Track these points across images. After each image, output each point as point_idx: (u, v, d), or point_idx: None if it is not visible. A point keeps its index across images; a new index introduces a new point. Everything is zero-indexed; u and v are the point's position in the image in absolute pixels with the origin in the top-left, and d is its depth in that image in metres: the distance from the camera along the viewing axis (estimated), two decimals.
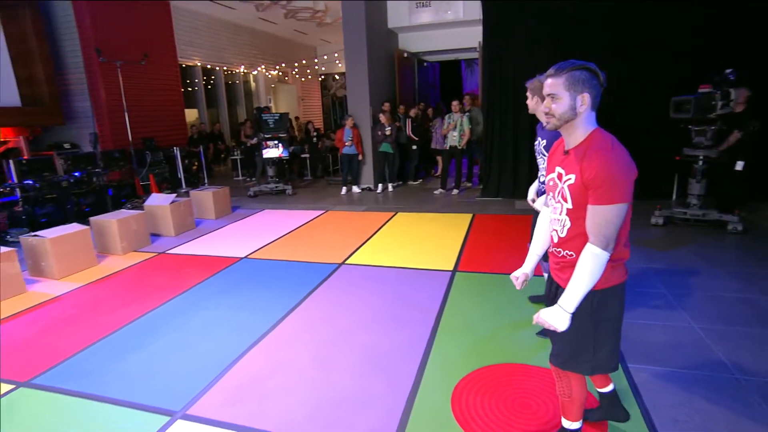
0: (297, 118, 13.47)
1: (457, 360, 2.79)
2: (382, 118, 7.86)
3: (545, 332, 2.96)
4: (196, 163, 10.45)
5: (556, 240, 1.75)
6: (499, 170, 7.28)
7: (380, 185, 8.32)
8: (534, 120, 2.86)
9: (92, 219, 5.40)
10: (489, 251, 4.76)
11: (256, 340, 3.15)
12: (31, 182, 6.47)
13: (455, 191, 7.80)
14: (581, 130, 1.61)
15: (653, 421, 2.15)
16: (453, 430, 2.19)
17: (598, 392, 2.13)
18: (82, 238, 4.87)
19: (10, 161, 7.38)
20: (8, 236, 5.98)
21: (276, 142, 8.19)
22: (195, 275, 4.48)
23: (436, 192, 7.89)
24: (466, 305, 3.55)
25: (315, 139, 10.46)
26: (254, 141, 9.41)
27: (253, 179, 9.84)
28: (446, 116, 7.62)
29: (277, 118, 8.27)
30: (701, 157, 5.05)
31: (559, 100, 1.58)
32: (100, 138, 8.81)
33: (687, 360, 2.66)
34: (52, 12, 8.38)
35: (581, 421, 1.93)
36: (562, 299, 1.61)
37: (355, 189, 8.38)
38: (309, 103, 16.02)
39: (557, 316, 1.61)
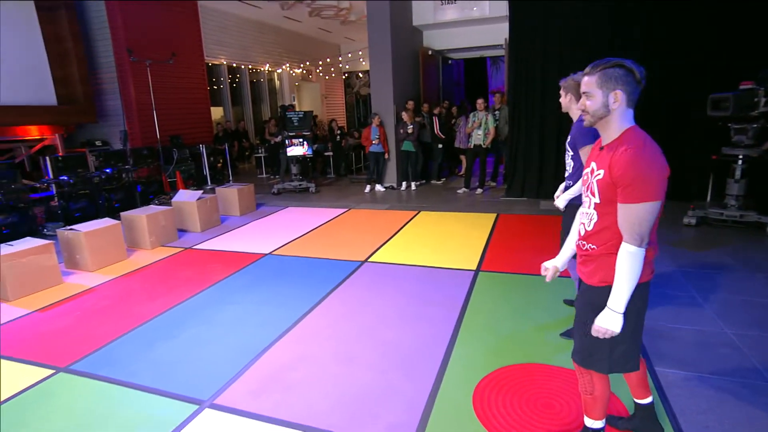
0: (315, 116, 13.64)
1: (480, 358, 2.82)
2: (405, 116, 7.90)
3: (570, 333, 2.98)
4: (221, 161, 10.71)
5: (582, 233, 1.79)
6: (524, 170, 7.23)
7: (404, 183, 8.36)
8: (563, 118, 2.87)
9: (123, 214, 5.62)
10: (513, 251, 4.75)
11: (280, 334, 3.25)
12: (65, 178, 6.76)
13: (479, 190, 7.78)
14: (615, 126, 1.65)
15: (681, 426, 2.14)
16: (475, 427, 2.22)
17: (635, 402, 2.08)
18: (114, 232, 5.08)
19: (47, 158, 7.75)
20: (45, 230, 6.28)
21: (301, 140, 8.33)
22: (221, 270, 4.62)
23: (459, 191, 7.89)
24: (489, 305, 3.57)
25: (338, 137, 10.57)
26: (278, 139, 9.57)
27: (277, 177, 10.02)
28: (471, 114, 7.61)
29: (301, 116, 8.40)
30: (741, 156, 4.92)
31: (593, 98, 1.64)
32: (129, 135, 9.12)
33: (718, 365, 2.62)
34: (87, 13, 8.73)
35: (604, 420, 1.93)
36: (611, 301, 1.64)
37: (379, 188, 8.45)
38: (332, 101, 16.18)
39: (609, 319, 1.64)
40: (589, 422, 1.93)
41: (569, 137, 2.81)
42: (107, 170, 7.44)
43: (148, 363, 2.97)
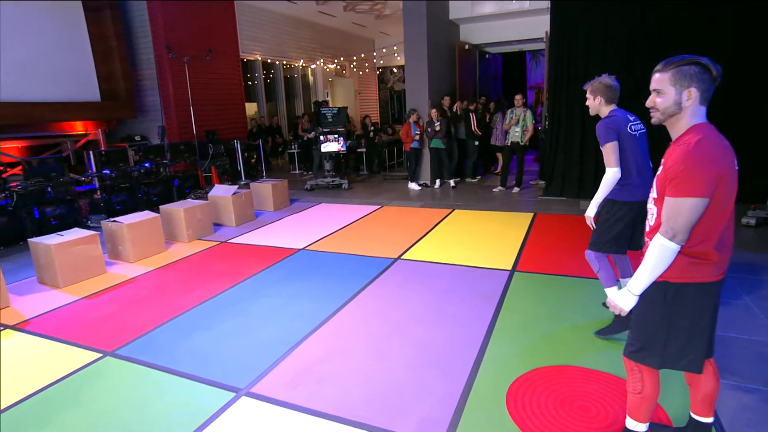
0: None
1: (514, 359, 2.84)
2: (432, 113, 7.90)
3: (604, 332, 2.98)
4: (255, 156, 11.01)
5: (647, 229, 1.84)
6: (564, 169, 7.12)
7: (437, 181, 8.38)
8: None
9: (162, 207, 5.90)
10: (550, 252, 4.72)
11: (314, 327, 3.36)
12: (108, 172, 7.14)
13: (516, 189, 7.71)
14: (684, 122, 1.67)
15: None
16: (508, 427, 2.26)
17: (691, 417, 2.01)
18: (154, 225, 5.35)
19: (90, 152, 8.20)
20: (89, 221, 6.66)
21: (336, 136, 8.47)
22: (255, 264, 4.80)
23: (495, 190, 7.84)
24: (525, 305, 3.57)
25: (372, 133, 10.67)
26: (311, 135, 9.77)
27: (310, 173, 10.23)
28: (508, 111, 7.55)
29: (335, 111, 8.55)
30: None
31: (664, 95, 1.66)
32: (166, 130, 9.53)
33: None
34: (129, 12, 9.17)
35: (648, 425, 1.92)
36: (630, 282, 1.71)
37: (416, 185, 8.49)
38: (366, 96, 16.32)
39: (623, 298, 1.73)
40: (632, 424, 1.92)
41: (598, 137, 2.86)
42: (146, 164, 7.80)
43: (187, 351, 3.14)
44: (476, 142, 8.59)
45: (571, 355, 2.84)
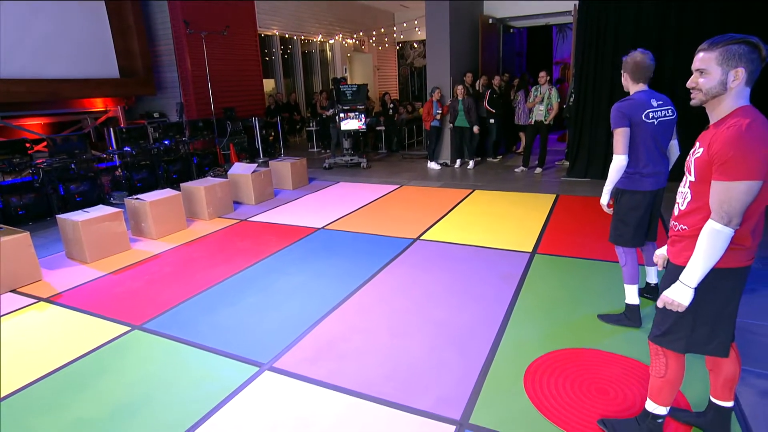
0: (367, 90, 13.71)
1: (533, 340, 2.90)
2: (458, 91, 7.81)
3: (607, 318, 3.05)
4: (273, 134, 11.09)
5: (676, 213, 1.83)
6: (589, 149, 7.03)
7: (458, 161, 8.35)
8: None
9: (183, 185, 6.05)
10: (572, 234, 4.72)
11: (335, 305, 3.47)
12: (128, 149, 7.31)
13: (538, 170, 7.65)
14: (727, 104, 1.63)
15: (750, 427, 2.12)
16: (525, 407, 2.33)
17: (711, 401, 2.04)
18: (175, 202, 5.50)
19: (111, 129, 8.38)
20: (112, 198, 6.87)
21: (356, 113, 8.48)
22: (275, 242, 4.92)
23: (517, 170, 7.79)
24: (545, 288, 3.61)
25: (391, 111, 10.64)
26: (330, 112, 9.78)
27: (328, 151, 10.28)
28: (533, 89, 7.44)
29: (355, 89, 8.54)
30: None
31: (708, 75, 1.61)
32: (185, 107, 9.65)
33: None
34: None
35: (668, 410, 1.95)
36: (684, 274, 1.68)
37: (435, 164, 8.49)
38: (385, 72, 16.16)
39: (679, 292, 1.68)
40: (652, 407, 1.96)
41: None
42: (165, 142, 7.95)
43: (211, 326, 3.29)
44: (491, 120, 8.48)
45: (590, 339, 2.89)
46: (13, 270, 3.98)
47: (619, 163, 2.74)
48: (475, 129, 7.86)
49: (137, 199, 5.25)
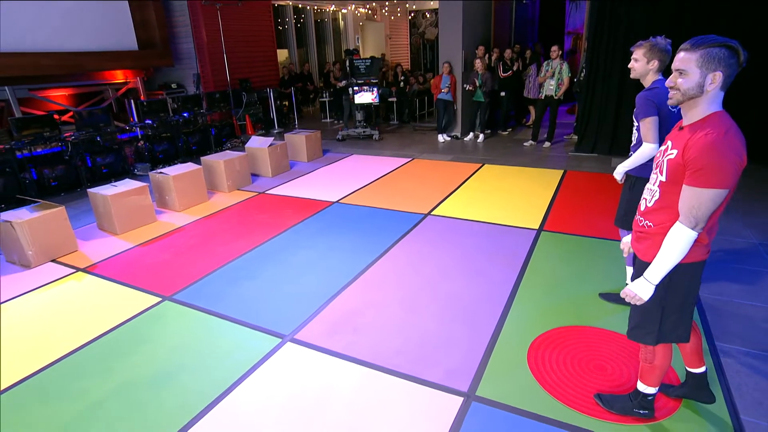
0: (384, 60, 13.43)
1: (537, 317, 3.00)
2: (478, 65, 7.65)
3: (609, 296, 3.12)
4: (287, 103, 11.03)
5: (642, 208, 1.87)
6: (598, 123, 6.93)
7: (470, 134, 8.28)
8: None
9: (203, 159, 6.12)
10: (578, 212, 4.74)
11: (350, 280, 3.58)
12: (150, 122, 7.36)
13: (547, 144, 7.58)
14: (702, 108, 1.63)
15: (735, 402, 2.23)
16: (528, 381, 2.45)
17: (687, 371, 2.20)
18: (197, 176, 5.59)
19: (131, 101, 8.41)
20: (135, 170, 6.97)
21: (370, 87, 8.39)
22: (292, 216, 5.01)
23: (526, 144, 7.73)
24: (550, 265, 3.68)
25: (402, 82, 10.48)
26: (343, 84, 9.68)
27: (341, 121, 10.23)
28: (544, 63, 7.26)
29: (368, 63, 8.41)
30: None
31: (687, 76, 1.59)
32: (201, 79, 9.62)
33: None
34: None
35: (657, 388, 2.08)
36: (648, 271, 1.75)
37: (444, 137, 8.44)
38: (396, 41, 15.79)
39: (642, 287, 1.77)
40: (643, 387, 2.08)
41: (636, 108, 2.71)
42: (185, 114, 7.98)
43: (235, 298, 3.43)
44: (502, 93, 8.33)
45: (591, 316, 2.98)
46: (52, 241, 4.14)
47: (650, 151, 2.63)
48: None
49: (161, 173, 5.34)
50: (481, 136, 8.17)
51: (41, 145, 6.01)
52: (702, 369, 2.17)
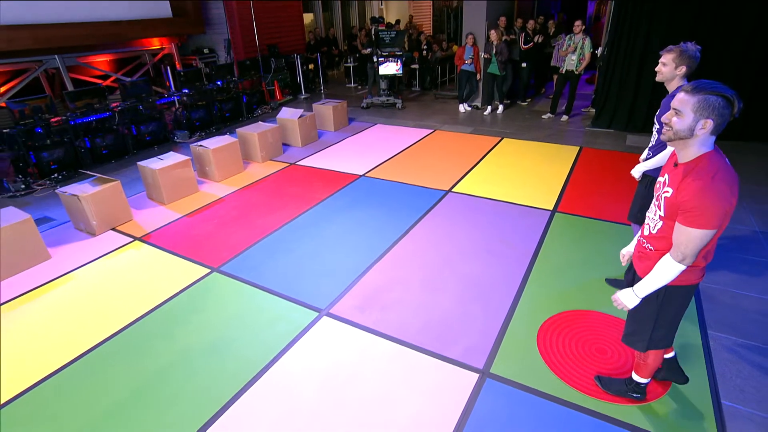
0: (412, 29, 12.96)
1: (547, 300, 3.16)
2: (493, 36, 7.39)
3: (613, 282, 3.26)
4: (312, 66, 10.87)
5: (646, 233, 1.96)
6: (617, 98, 6.75)
7: (489, 107, 8.15)
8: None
9: (238, 131, 6.23)
10: (591, 194, 4.77)
11: (377, 257, 3.77)
12: (186, 90, 7.42)
13: (565, 117, 7.44)
14: (693, 150, 1.67)
15: (717, 387, 2.41)
16: (536, 361, 2.65)
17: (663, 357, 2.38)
18: (234, 148, 5.73)
19: (167, 67, 8.44)
20: (175, 137, 7.14)
21: (394, 58, 8.25)
22: (322, 189, 5.16)
23: (544, 116, 7.60)
24: (561, 250, 3.78)
25: (425, 51, 10.20)
26: (368, 51, 9.49)
27: (365, 87, 10.12)
28: (566, 37, 6.99)
29: (393, 35, 8.21)
30: None
31: (681, 117, 1.63)
32: (232, 45, 9.54)
33: None
34: None
35: (649, 379, 2.27)
36: (638, 285, 1.88)
37: (465, 107, 8.33)
38: (419, 4, 15.13)
39: (628, 297, 1.92)
40: (636, 378, 2.29)
41: (660, 110, 2.69)
42: (218, 82, 8.00)
43: (275, 272, 3.65)
44: (523, 64, 8.08)
45: (597, 301, 3.12)
46: (111, 212, 4.40)
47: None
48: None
49: (201, 146, 5.49)
50: (501, 107, 8.03)
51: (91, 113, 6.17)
52: (671, 354, 2.35)
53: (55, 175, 5.55)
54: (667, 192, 1.76)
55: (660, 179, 1.89)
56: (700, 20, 5.81)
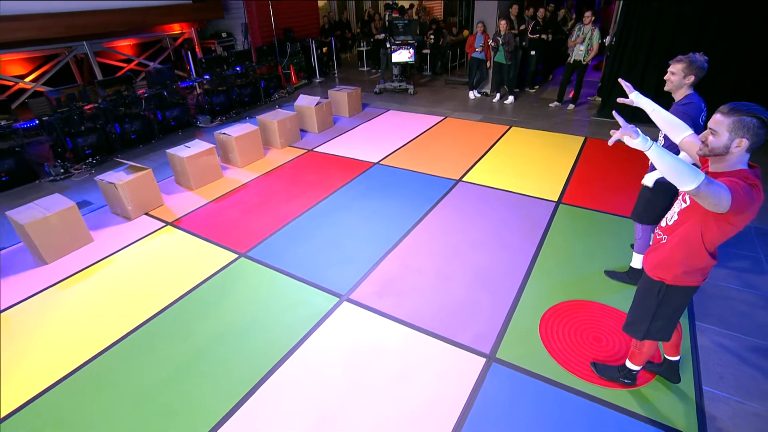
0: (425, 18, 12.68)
1: (549, 291, 3.30)
2: (502, 25, 7.27)
3: (612, 274, 3.36)
4: (325, 49, 10.77)
5: (663, 225, 2.06)
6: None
7: (498, 94, 8.10)
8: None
9: (259, 118, 6.30)
10: (594, 185, 4.84)
11: (392, 245, 3.91)
12: (207, 77, 7.46)
13: (571, 106, 7.40)
14: (727, 164, 1.72)
15: (701, 373, 2.57)
16: (538, 347, 2.82)
17: (664, 356, 2.54)
18: (255, 135, 5.83)
19: (188, 51, 8.45)
20: (198, 122, 7.23)
21: (407, 46, 8.19)
22: (339, 176, 5.27)
23: (551, 105, 7.56)
24: (564, 242, 3.89)
25: (434, 36, 10.05)
26: (382, 36, 9.40)
27: (378, 71, 10.04)
28: (576, 28, 6.88)
29: (406, 22, 8.12)
30: None
31: (717, 137, 1.67)
32: (249, 30, 9.48)
33: (754, 329, 2.88)
34: None
35: (641, 367, 2.43)
36: (654, 147, 1.61)
37: (475, 93, 8.29)
38: None
39: (639, 142, 1.64)
40: (629, 365, 2.45)
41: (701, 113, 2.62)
42: (237, 68, 8.02)
43: (297, 257, 3.81)
44: (532, 52, 7.97)
45: (596, 293, 3.26)
46: (144, 198, 4.57)
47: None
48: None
49: (224, 134, 5.60)
50: (511, 98, 7.96)
51: (123, 105, 6.28)
52: (677, 358, 2.48)
53: (90, 159, 5.71)
54: None
55: None
56: (707, 16, 5.70)
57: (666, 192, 2.93)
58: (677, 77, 2.59)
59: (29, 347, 3.00)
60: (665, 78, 2.69)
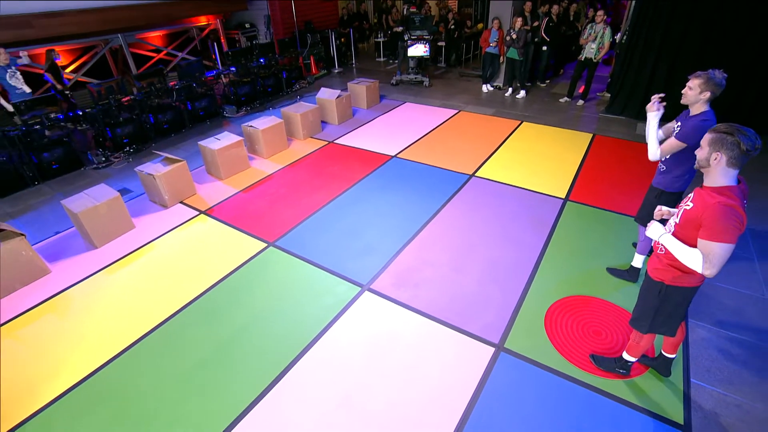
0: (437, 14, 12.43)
1: (555, 286, 3.41)
2: (518, 22, 7.15)
3: (614, 271, 3.45)
4: (343, 39, 10.69)
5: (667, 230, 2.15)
6: (632, 87, 6.61)
7: (510, 88, 8.03)
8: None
9: (282, 110, 6.38)
10: (601, 183, 4.87)
11: (409, 238, 4.03)
12: (233, 69, 7.52)
13: (581, 102, 7.34)
14: (713, 178, 1.87)
15: (689, 367, 2.69)
16: (543, 339, 2.95)
17: (662, 352, 2.63)
18: (279, 127, 5.92)
19: (213, 43, 8.48)
20: (225, 112, 7.33)
21: (423, 41, 8.15)
22: (359, 169, 5.37)
23: (562, 100, 7.49)
24: (570, 239, 3.96)
25: (452, 29, 9.90)
26: (399, 29, 9.31)
27: (395, 62, 9.98)
28: (588, 26, 6.75)
29: (422, 17, 8.04)
30: None
31: (702, 150, 1.89)
32: (272, 21, 9.44)
33: (745, 327, 2.98)
34: None
35: (636, 358, 2.56)
36: (668, 235, 2.01)
37: (488, 87, 8.24)
38: None
39: (655, 228, 2.07)
40: (626, 356, 2.58)
41: (678, 125, 2.71)
42: (261, 60, 8.05)
43: (321, 247, 3.95)
44: (544, 47, 7.85)
45: (598, 289, 3.37)
46: (179, 187, 4.74)
47: (651, 158, 2.74)
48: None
49: (251, 126, 5.70)
50: (522, 92, 7.88)
51: (156, 96, 6.39)
52: (672, 356, 2.60)
53: (127, 148, 5.88)
54: (689, 206, 1.95)
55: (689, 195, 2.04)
56: (719, 16, 5.57)
57: (670, 202, 3.00)
58: (694, 93, 2.56)
59: (88, 326, 3.22)
60: (682, 92, 2.65)
